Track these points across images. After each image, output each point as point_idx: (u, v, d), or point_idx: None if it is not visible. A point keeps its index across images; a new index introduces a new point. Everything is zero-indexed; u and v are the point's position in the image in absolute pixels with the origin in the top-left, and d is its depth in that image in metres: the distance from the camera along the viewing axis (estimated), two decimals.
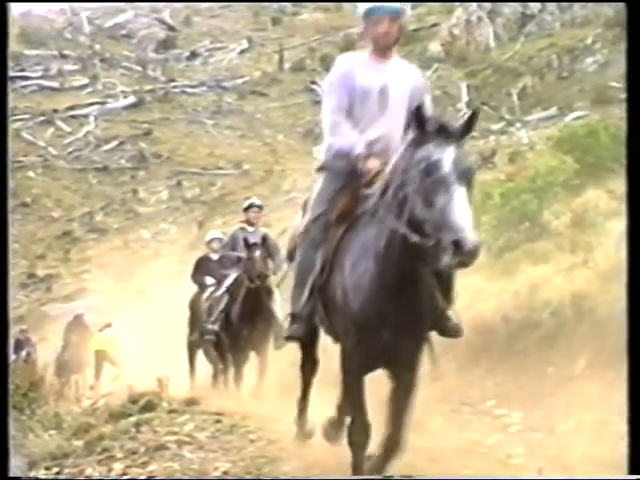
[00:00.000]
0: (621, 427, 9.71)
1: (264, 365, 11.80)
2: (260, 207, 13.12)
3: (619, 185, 16.61)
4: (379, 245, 5.32)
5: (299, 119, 44.65)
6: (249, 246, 11.69)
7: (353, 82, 5.94)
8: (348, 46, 51.04)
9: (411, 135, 5.14)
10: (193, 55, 53.81)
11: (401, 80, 6.04)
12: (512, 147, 29.26)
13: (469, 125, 5.32)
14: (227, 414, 8.55)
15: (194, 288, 14.04)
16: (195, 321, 13.70)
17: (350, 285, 5.53)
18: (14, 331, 23.01)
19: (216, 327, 12.39)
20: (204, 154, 43.46)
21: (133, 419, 8.28)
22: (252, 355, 12.03)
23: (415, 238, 4.93)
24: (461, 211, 4.70)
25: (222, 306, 12.35)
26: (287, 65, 50.92)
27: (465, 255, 4.65)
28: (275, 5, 60.59)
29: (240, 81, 49.77)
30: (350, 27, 53.16)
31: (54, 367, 19.47)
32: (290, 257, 6.62)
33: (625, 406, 5.28)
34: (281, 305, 11.41)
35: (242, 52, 53.90)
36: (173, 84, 50.03)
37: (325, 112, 6.06)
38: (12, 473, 7.33)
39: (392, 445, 5.86)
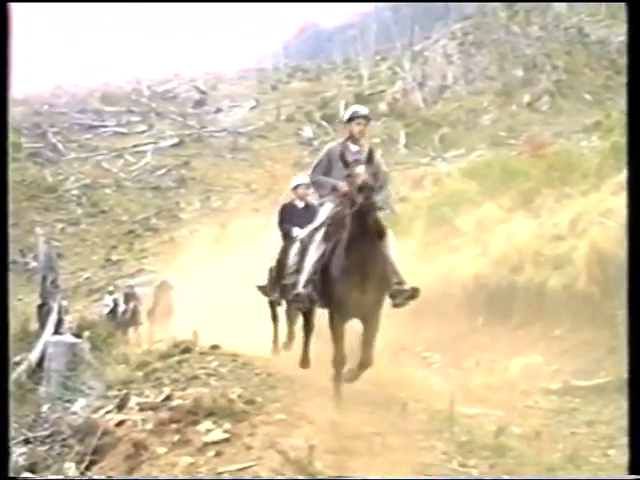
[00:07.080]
0: (503, 364, 9.78)
1: (373, 333, 6.52)
2: (366, 117, 7.14)
3: (507, 200, 16.69)
4: None
5: (290, 154, 44.49)
6: (348, 165, 6.30)
7: None
8: (323, 105, 51.55)
9: None
10: (218, 110, 53.45)
11: None
12: (435, 175, 29.14)
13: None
14: (240, 356, 8.48)
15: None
16: (277, 277, 8.51)
17: None
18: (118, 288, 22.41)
19: (309, 289, 6.56)
20: (225, 178, 43.21)
21: (176, 358, 8.24)
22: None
23: None
24: None
25: (317, 256, 6.61)
26: (282, 117, 50.72)
27: None
28: (274, 77, 60.57)
29: (250, 128, 49.54)
30: (325, 92, 53.45)
31: (146, 315, 18.78)
32: None
33: None
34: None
35: (251, 108, 53.61)
36: (204, 130, 49.72)
37: None
38: (95, 394, 7.27)
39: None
